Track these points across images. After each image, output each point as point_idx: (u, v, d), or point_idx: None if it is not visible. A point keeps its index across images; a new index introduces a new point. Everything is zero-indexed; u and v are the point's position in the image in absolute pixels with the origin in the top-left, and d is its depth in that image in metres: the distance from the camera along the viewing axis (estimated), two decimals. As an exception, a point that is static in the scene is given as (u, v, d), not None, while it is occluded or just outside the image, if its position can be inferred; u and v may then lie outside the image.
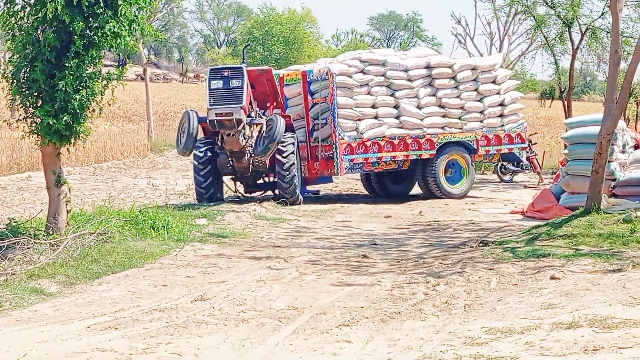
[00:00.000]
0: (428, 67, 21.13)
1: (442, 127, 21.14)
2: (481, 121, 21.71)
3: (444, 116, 21.20)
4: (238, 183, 20.26)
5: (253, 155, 18.72)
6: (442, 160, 21.02)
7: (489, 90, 21.82)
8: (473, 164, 21.80)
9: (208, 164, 18.80)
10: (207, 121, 18.32)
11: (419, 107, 20.84)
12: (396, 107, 20.60)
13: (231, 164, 18.95)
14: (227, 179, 19.84)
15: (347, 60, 20.61)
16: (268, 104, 19.70)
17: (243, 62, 19.33)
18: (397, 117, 20.58)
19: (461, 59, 22.73)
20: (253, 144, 18.71)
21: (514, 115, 22.34)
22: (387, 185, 22.22)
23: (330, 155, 20.01)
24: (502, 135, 21.98)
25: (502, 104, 22.02)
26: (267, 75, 19.48)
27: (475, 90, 21.66)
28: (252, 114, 18.70)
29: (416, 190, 22.28)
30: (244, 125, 18.32)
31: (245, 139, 18.55)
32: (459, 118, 21.38)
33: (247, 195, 20.21)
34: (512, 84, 22.83)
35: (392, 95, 20.59)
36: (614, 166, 16.92)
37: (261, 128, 18.65)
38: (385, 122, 20.38)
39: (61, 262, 11.80)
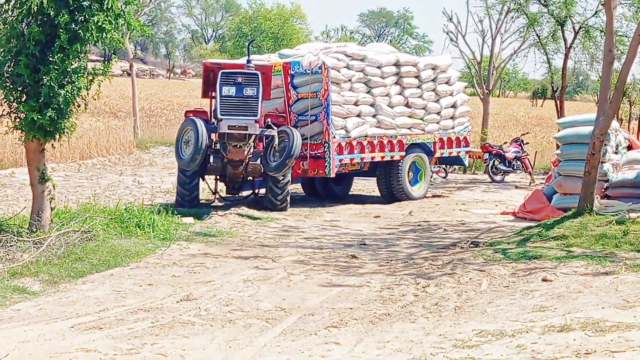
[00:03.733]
0: (397, 64, 20.59)
1: (409, 128, 20.66)
2: (438, 122, 21.35)
3: (409, 116, 20.72)
4: (218, 183, 18.99)
5: (266, 171, 17.62)
6: (407, 162, 20.52)
7: (445, 91, 21.51)
8: (429, 166, 21.37)
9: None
10: (217, 133, 17.27)
11: (390, 106, 20.31)
12: (372, 105, 19.98)
13: (223, 168, 17.80)
14: (209, 179, 18.81)
15: (333, 54, 19.67)
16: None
17: (248, 60, 18.06)
18: (373, 116, 19.96)
19: (423, 58, 22.32)
20: (258, 155, 17.65)
21: (463, 118, 22.11)
22: (331, 185, 21.25)
23: (319, 154, 19.07)
24: (453, 138, 21.74)
25: (453, 106, 21.76)
26: (265, 70, 18.45)
27: (433, 90, 21.28)
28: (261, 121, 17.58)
29: (354, 189, 22.14)
30: (255, 137, 17.44)
31: (248, 148, 17.56)
32: (421, 119, 20.95)
33: (229, 196, 19.09)
34: (462, 85, 22.56)
35: (368, 92, 19.93)
36: (607, 167, 16.84)
37: (271, 140, 17.54)
38: (366, 120, 19.78)
39: (45, 261, 11.67)
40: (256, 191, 19.09)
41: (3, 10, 12.38)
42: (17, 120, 12.60)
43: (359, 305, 10.00)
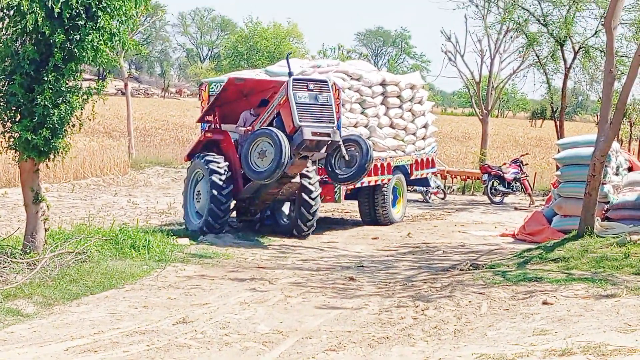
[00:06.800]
0: (383, 83, 20.07)
1: (395, 150, 20.18)
2: (414, 143, 20.94)
3: (394, 137, 20.25)
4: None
5: (334, 181, 16.96)
6: (391, 185, 19.97)
7: (419, 110, 21.13)
8: (406, 188, 20.89)
9: (230, 182, 16.62)
10: (301, 141, 15.90)
11: (380, 127, 19.76)
12: (365, 126, 19.37)
13: (258, 189, 16.85)
14: None
15: (335, 73, 19.03)
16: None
17: (290, 73, 16.65)
18: (367, 138, 18.89)
19: (401, 77, 21.61)
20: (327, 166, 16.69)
21: (431, 138, 21.82)
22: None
23: (326, 179, 17.58)
24: (425, 159, 21.36)
25: (425, 126, 21.39)
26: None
27: (410, 110, 20.83)
28: None
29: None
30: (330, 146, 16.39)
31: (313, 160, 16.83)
32: (402, 140, 20.51)
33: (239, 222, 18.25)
34: (430, 105, 22.22)
35: (362, 113, 19.38)
36: (608, 189, 16.76)
37: (337, 148, 16.41)
38: None
39: (38, 282, 11.54)
40: (266, 215, 18.20)
41: (-3, 29, 12.28)
42: (11, 140, 12.48)
43: (357, 328, 9.92)
